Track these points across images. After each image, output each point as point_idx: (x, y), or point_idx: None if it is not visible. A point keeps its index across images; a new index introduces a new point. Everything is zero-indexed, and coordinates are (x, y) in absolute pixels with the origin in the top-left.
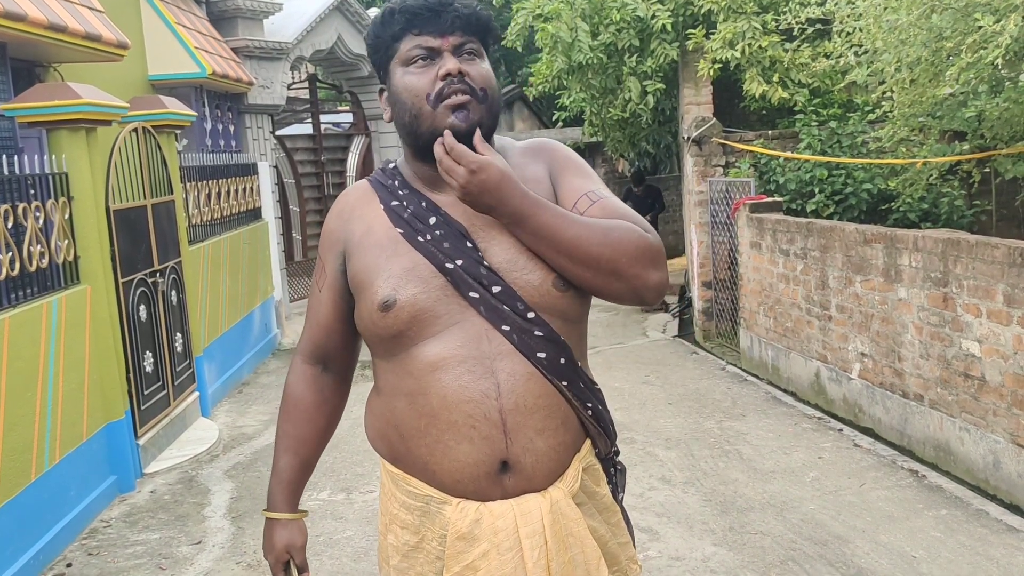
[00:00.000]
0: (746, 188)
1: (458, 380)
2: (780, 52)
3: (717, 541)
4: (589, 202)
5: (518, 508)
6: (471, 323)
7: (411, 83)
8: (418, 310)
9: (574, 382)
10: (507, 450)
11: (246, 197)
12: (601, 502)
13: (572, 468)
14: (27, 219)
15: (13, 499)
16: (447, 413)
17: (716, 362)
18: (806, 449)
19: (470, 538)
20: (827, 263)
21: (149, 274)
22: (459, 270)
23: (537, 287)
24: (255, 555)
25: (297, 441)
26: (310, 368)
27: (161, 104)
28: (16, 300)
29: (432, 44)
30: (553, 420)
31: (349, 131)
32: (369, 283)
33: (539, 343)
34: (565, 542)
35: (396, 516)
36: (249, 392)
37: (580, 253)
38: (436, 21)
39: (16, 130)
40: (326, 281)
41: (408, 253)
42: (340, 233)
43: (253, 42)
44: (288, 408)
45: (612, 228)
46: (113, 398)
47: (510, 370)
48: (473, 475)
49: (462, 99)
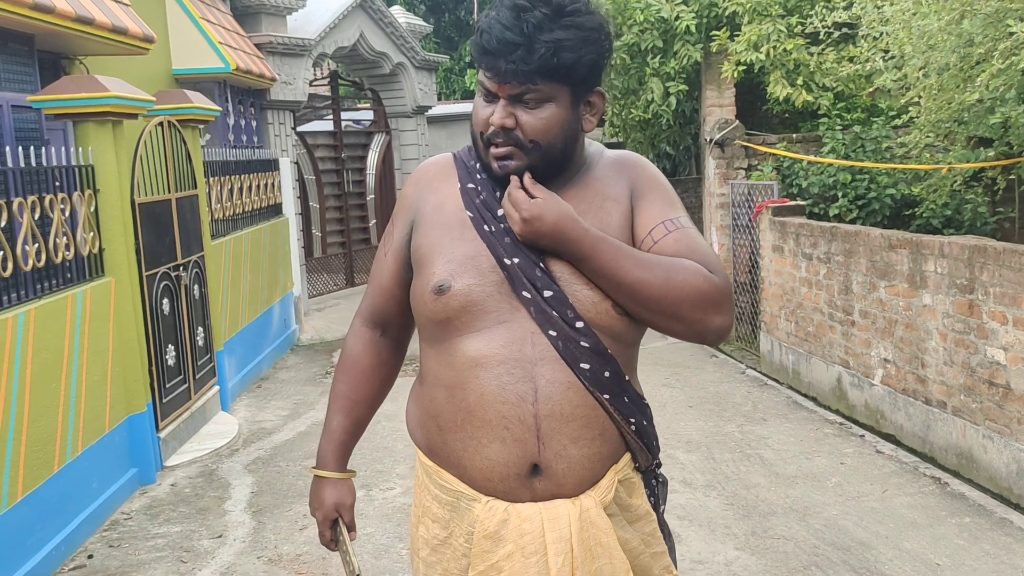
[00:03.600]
0: (768, 191)
1: (497, 380)
2: (805, 55)
3: (740, 545)
4: (665, 231)
5: (546, 512)
6: (519, 324)
7: (475, 110)
8: (470, 301)
9: (617, 396)
10: (539, 454)
11: (267, 193)
12: (635, 513)
13: (606, 479)
14: (53, 211)
15: (36, 490)
16: (482, 411)
17: (736, 365)
18: (828, 454)
19: (496, 538)
20: (851, 268)
21: (172, 268)
22: (516, 267)
23: (597, 303)
24: (276, 550)
25: (351, 402)
26: (369, 331)
27: (186, 98)
28: (41, 291)
29: (490, 88)
30: (590, 431)
31: (370, 128)
32: (429, 262)
33: (584, 353)
34: (593, 551)
35: (428, 509)
36: (268, 387)
37: (641, 296)
38: (492, 67)
39: (42, 122)
40: (392, 247)
41: (472, 240)
42: (414, 201)
43: (276, 38)
44: (345, 368)
45: (676, 271)
46: (135, 391)
47: (550, 377)
48: (503, 475)
49: (503, 151)
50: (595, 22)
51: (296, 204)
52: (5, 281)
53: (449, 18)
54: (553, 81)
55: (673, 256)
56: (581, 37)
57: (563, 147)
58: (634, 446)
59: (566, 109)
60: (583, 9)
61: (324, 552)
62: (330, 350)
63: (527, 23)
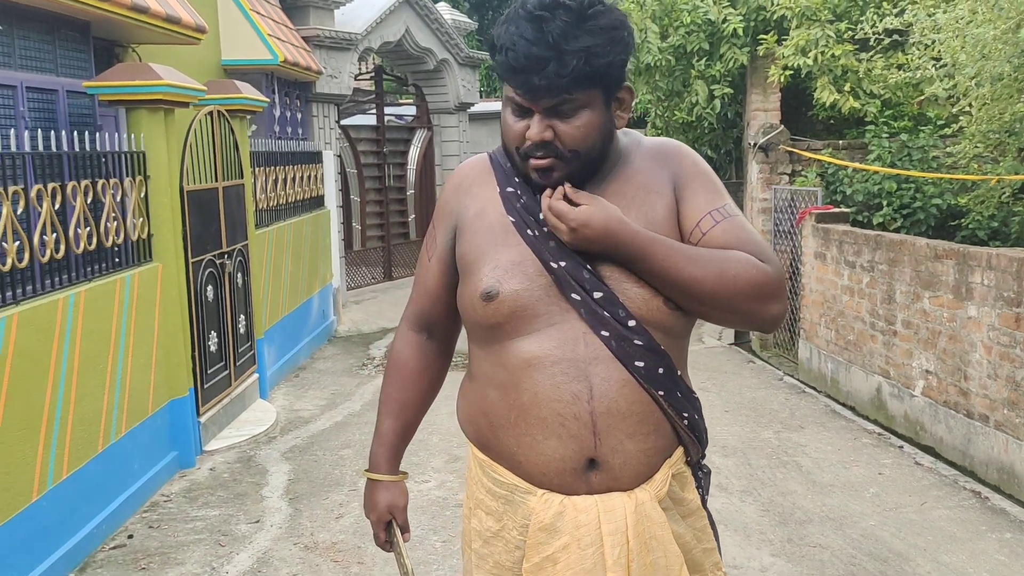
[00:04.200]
0: (812, 197)
1: (551, 380)
2: (853, 61)
3: (775, 552)
4: (713, 222)
5: (602, 504)
6: (570, 325)
7: (506, 125)
8: (519, 306)
9: (671, 392)
10: (596, 449)
11: (310, 185)
12: (687, 507)
13: (661, 473)
14: (105, 195)
15: (80, 469)
16: (537, 409)
17: (773, 372)
18: (866, 464)
19: (552, 530)
20: (895, 277)
21: (217, 255)
22: (563, 271)
23: (647, 300)
24: (312, 537)
25: (400, 405)
26: (415, 335)
27: (236, 89)
28: (91, 274)
29: (522, 103)
30: (646, 426)
31: (412, 124)
32: (475, 268)
33: (638, 351)
34: (648, 544)
35: (481, 501)
36: (306, 377)
37: (695, 292)
38: (528, 84)
39: (96, 108)
40: (436, 252)
41: (517, 245)
42: (455, 206)
43: (323, 32)
44: (393, 372)
45: (729, 265)
46: (178, 375)
47: (604, 375)
48: (559, 469)
49: (543, 163)
50: (616, 19)
51: (338, 197)
52: (57, 263)
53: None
54: (587, 88)
55: (723, 247)
56: (608, 39)
57: (601, 150)
58: (687, 440)
59: (600, 112)
60: (603, 9)
61: (360, 541)
62: (367, 342)
63: (551, 34)
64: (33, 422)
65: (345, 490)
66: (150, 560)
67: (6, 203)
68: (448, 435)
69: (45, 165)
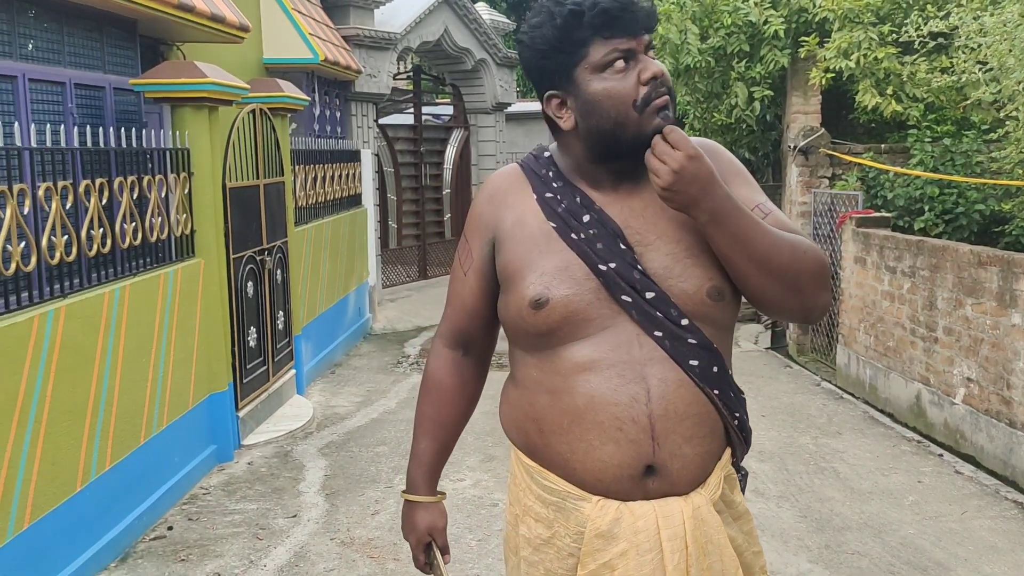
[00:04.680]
0: (853, 201)
1: (608, 383)
2: (896, 64)
3: (813, 558)
4: (762, 214)
5: (660, 510)
6: (622, 327)
7: (614, 90)
8: (570, 311)
9: (725, 391)
10: (654, 455)
11: (348, 183)
12: (737, 510)
13: (714, 476)
14: (150, 191)
15: (122, 460)
16: (593, 413)
17: (810, 377)
18: (905, 472)
19: (609, 536)
20: (936, 283)
21: (258, 252)
22: (612, 272)
23: (692, 295)
24: (348, 533)
25: (437, 425)
26: (451, 352)
27: (278, 87)
28: (136, 269)
29: (628, 46)
30: (702, 428)
31: (449, 123)
32: (520, 277)
33: (692, 351)
34: (705, 549)
35: (530, 508)
36: (341, 373)
37: (771, 264)
38: (628, 21)
39: (141, 105)
40: (472, 265)
41: (562, 251)
42: (490, 219)
43: (363, 31)
44: (429, 392)
45: (798, 243)
46: (218, 370)
47: (661, 376)
48: (616, 476)
49: (665, 100)
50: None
51: (375, 195)
52: (104, 257)
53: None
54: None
55: None
56: None
57: None
58: (736, 440)
59: None
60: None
61: (395, 538)
62: (401, 340)
63: None
64: (79, 413)
65: (381, 487)
66: (189, 552)
67: (55, 197)
68: (483, 434)
69: (93, 161)
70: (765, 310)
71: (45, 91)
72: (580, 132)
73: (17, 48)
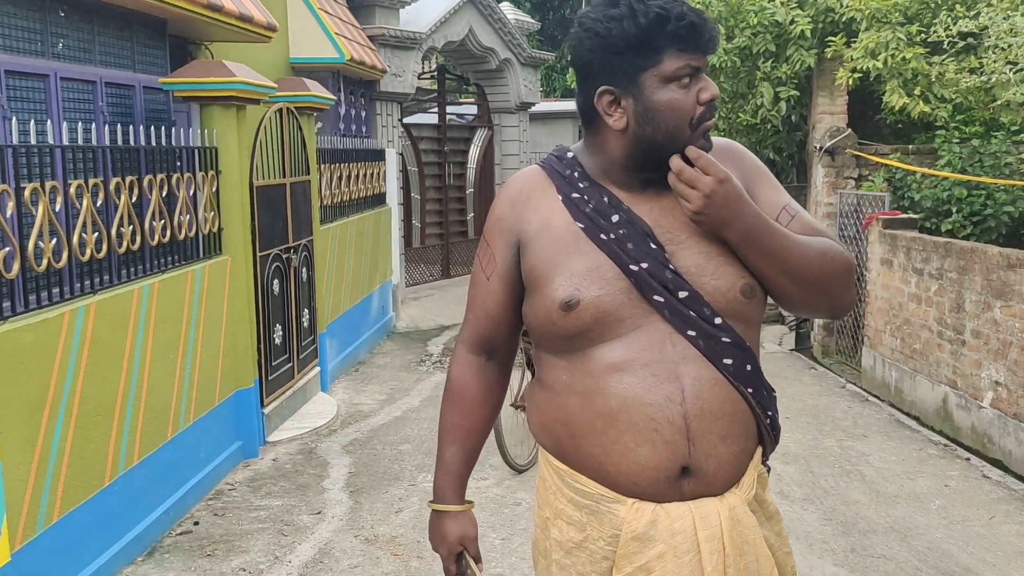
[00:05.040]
0: (879, 203)
1: (642, 383)
2: (924, 65)
3: (838, 562)
4: (789, 217)
5: (697, 511)
6: (655, 327)
7: (677, 103)
8: (602, 312)
9: (758, 389)
10: (689, 456)
11: (373, 182)
12: (768, 510)
13: (748, 475)
14: (179, 189)
15: (150, 455)
16: (627, 415)
17: (835, 379)
18: (932, 476)
19: (645, 539)
20: (964, 285)
21: (284, 250)
22: (644, 272)
23: (725, 292)
24: (372, 530)
25: (463, 432)
26: (475, 358)
27: (304, 87)
28: (164, 266)
29: (698, 64)
30: (737, 427)
31: (473, 123)
32: (548, 280)
33: (726, 349)
34: (741, 549)
35: (561, 511)
36: (365, 371)
37: (802, 275)
38: (703, 40)
39: (170, 103)
40: (495, 270)
41: (591, 252)
42: (513, 222)
43: (389, 31)
44: (454, 399)
45: (826, 249)
46: (244, 366)
47: (695, 375)
48: (653, 479)
49: (713, 123)
50: None
51: (399, 194)
52: (133, 254)
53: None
54: None
55: None
56: None
57: None
58: (767, 439)
59: None
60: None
61: (419, 536)
62: (425, 339)
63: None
64: (107, 408)
65: (404, 485)
66: (215, 547)
67: (86, 195)
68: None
69: (123, 159)
70: (791, 310)
71: (76, 90)
72: (629, 135)
73: (49, 47)
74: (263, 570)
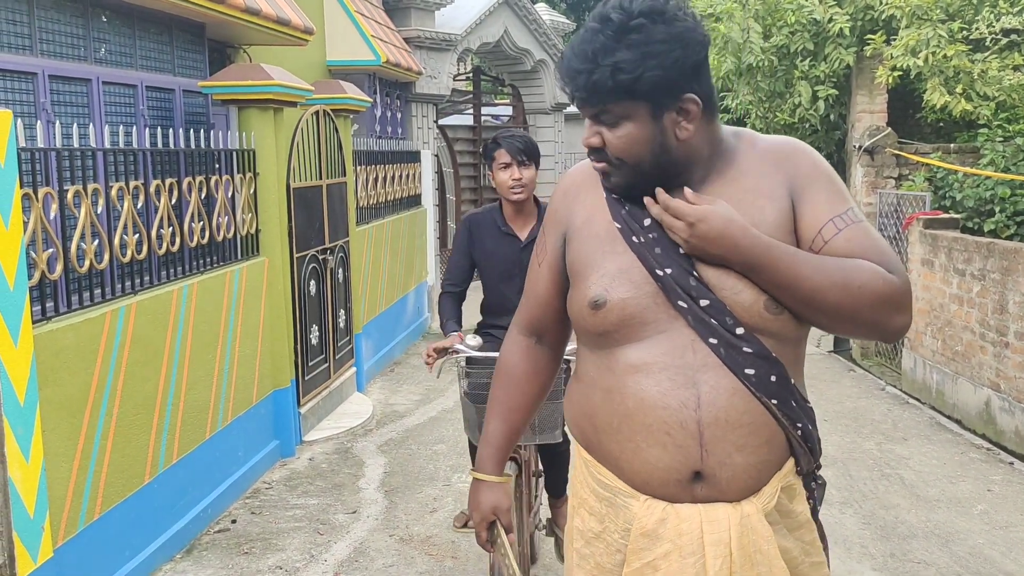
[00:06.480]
0: (920, 202)
1: (658, 386)
2: (966, 62)
3: (877, 567)
4: (835, 229)
5: (705, 514)
6: (678, 332)
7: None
8: (627, 314)
9: (785, 400)
10: (701, 461)
11: (409, 183)
12: (795, 520)
13: (770, 486)
14: (217, 191)
15: (189, 454)
16: (642, 416)
17: (875, 381)
18: (974, 480)
19: (654, 536)
20: (1008, 287)
21: (320, 251)
22: (669, 278)
23: (747, 308)
24: (407, 530)
25: (508, 408)
26: (525, 339)
27: (341, 89)
28: (203, 267)
29: (588, 112)
30: (757, 438)
31: (508, 124)
32: (584, 276)
33: (748, 359)
34: (752, 558)
35: (585, 501)
36: (400, 372)
37: (818, 303)
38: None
39: (209, 106)
40: (546, 258)
41: (623, 252)
42: (563, 214)
43: (424, 33)
44: (502, 376)
45: (854, 275)
46: (282, 366)
47: (713, 383)
48: (663, 479)
49: (600, 167)
50: (665, 33)
51: (434, 195)
52: (172, 255)
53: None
54: (623, 100)
55: (846, 256)
56: (641, 54)
57: (653, 161)
58: (799, 451)
59: (645, 125)
60: (645, 24)
61: (453, 536)
62: None
63: (591, 48)
64: (148, 407)
65: (439, 485)
66: (252, 545)
67: (127, 197)
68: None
69: (163, 161)
70: (828, 332)
71: (117, 93)
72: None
73: (91, 52)
74: (299, 568)
